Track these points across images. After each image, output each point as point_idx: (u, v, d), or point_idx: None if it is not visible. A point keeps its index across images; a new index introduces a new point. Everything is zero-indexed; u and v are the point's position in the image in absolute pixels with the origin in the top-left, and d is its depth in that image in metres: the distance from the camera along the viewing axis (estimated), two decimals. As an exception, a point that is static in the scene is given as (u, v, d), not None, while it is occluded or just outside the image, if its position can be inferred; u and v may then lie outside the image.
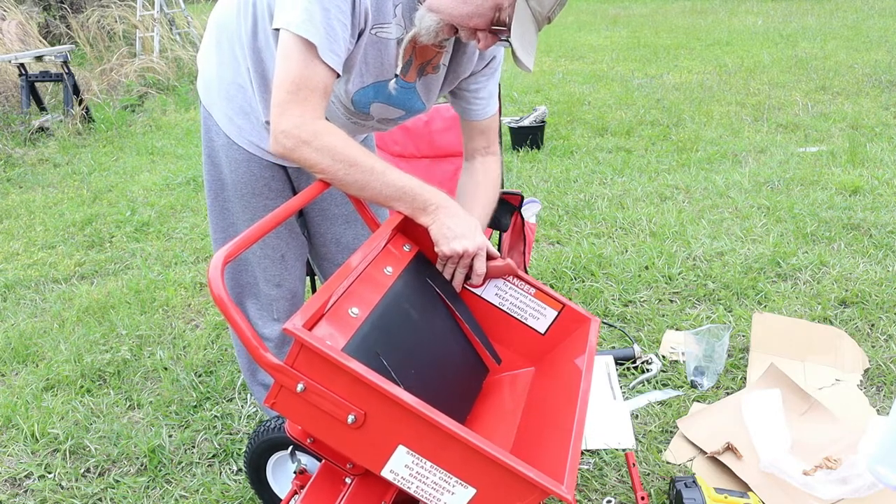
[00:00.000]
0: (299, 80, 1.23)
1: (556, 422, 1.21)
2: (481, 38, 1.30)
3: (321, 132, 1.24)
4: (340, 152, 1.25)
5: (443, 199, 1.31)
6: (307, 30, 1.21)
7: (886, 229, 3.09)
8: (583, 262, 2.96)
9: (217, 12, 1.52)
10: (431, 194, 1.31)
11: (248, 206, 1.61)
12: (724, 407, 2.01)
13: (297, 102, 1.23)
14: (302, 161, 1.26)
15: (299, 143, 1.24)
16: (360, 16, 1.28)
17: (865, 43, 7.84)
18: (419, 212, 1.30)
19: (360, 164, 1.25)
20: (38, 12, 9.17)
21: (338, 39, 1.24)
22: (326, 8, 1.22)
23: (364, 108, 1.47)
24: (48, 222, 3.90)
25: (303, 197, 1.26)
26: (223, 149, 1.57)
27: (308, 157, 1.25)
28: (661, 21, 10.97)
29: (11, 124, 5.68)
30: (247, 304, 1.74)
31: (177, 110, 6.66)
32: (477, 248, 1.32)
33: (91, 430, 2.12)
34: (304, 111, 1.24)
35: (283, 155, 1.26)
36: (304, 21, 1.21)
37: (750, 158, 4.26)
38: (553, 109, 5.69)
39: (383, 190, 1.28)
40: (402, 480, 1.04)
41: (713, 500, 1.60)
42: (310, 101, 1.24)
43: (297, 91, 1.23)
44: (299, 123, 1.23)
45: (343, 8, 1.23)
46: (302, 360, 1.00)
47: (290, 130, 1.23)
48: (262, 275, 1.69)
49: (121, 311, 2.81)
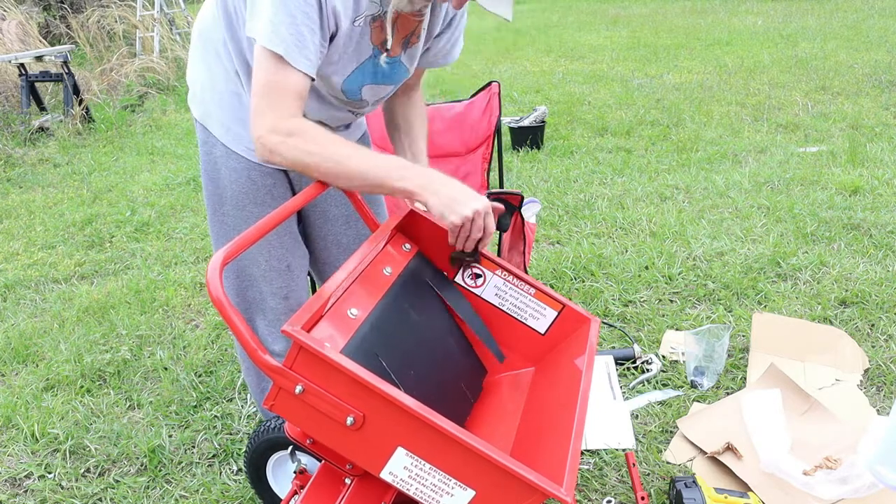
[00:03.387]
0: (269, 84, 1.24)
1: (556, 422, 1.21)
2: None
3: (295, 130, 1.25)
4: (318, 146, 1.25)
5: (429, 171, 1.30)
6: (272, 41, 1.22)
7: (886, 229, 3.09)
8: (583, 262, 2.96)
9: (198, 23, 1.51)
10: (416, 170, 1.29)
11: (249, 217, 1.59)
12: (724, 407, 2.01)
13: (270, 106, 1.25)
14: (284, 162, 1.27)
15: (276, 144, 1.25)
16: (329, 18, 1.27)
17: (865, 43, 7.83)
18: (409, 190, 1.27)
19: (339, 154, 1.26)
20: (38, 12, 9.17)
21: (307, 44, 1.24)
22: (293, 14, 1.22)
23: (355, 95, 1.47)
24: (48, 222, 3.90)
25: (302, 197, 1.26)
26: (222, 160, 1.55)
27: (287, 156, 1.25)
28: (661, 21, 10.96)
29: (11, 124, 5.68)
30: (256, 320, 1.72)
31: (177, 110, 6.66)
32: (485, 206, 1.28)
33: (91, 430, 2.12)
34: (276, 113, 1.25)
35: (267, 159, 1.27)
36: (270, 33, 1.22)
37: (750, 158, 4.26)
38: (553, 109, 5.69)
39: (367, 175, 1.26)
40: (401, 482, 1.04)
41: (713, 500, 1.60)
42: (282, 102, 1.25)
43: (268, 95, 1.25)
44: (273, 126, 1.24)
45: (309, 13, 1.23)
46: (300, 362, 1.00)
47: (265, 135, 1.25)
48: (268, 288, 1.67)
49: (121, 311, 2.81)
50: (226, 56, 1.45)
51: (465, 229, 1.29)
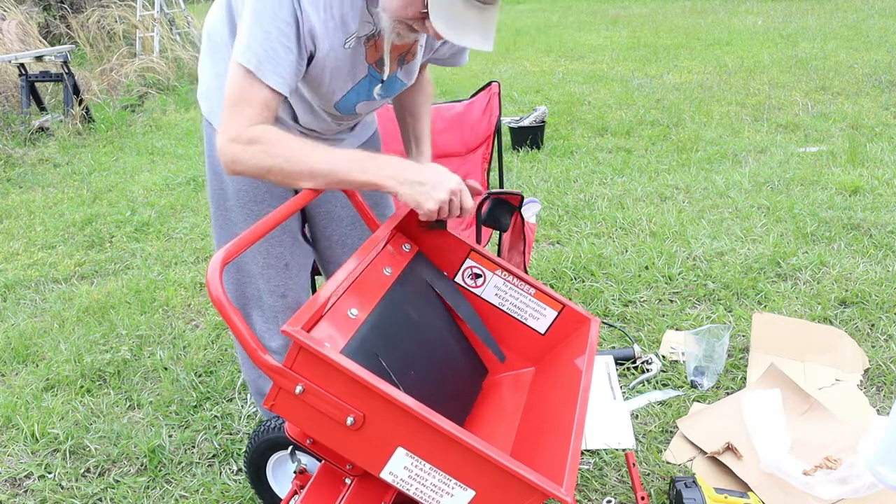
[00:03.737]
0: (236, 96, 1.24)
1: (556, 422, 1.21)
2: (429, 27, 1.22)
3: (255, 137, 1.24)
4: (278, 148, 1.23)
5: (395, 160, 1.28)
6: (244, 56, 1.23)
7: (886, 229, 3.09)
8: (583, 262, 2.96)
9: (207, 21, 1.52)
10: (382, 160, 1.27)
11: (250, 214, 1.60)
12: (724, 407, 2.01)
13: (232, 116, 1.24)
14: (247, 171, 1.25)
15: (238, 153, 1.24)
16: (306, 38, 1.27)
17: (865, 43, 7.83)
18: (377, 181, 1.25)
19: (300, 153, 1.24)
20: (38, 12, 9.16)
21: (281, 61, 1.24)
22: (267, 31, 1.22)
23: (350, 111, 1.48)
24: (48, 222, 3.90)
25: (302, 198, 1.26)
26: None
27: (250, 164, 1.24)
28: (661, 21, 10.96)
29: (11, 124, 5.68)
30: (252, 316, 1.73)
31: (177, 110, 6.66)
32: (458, 185, 1.26)
33: (91, 430, 2.12)
34: (237, 123, 1.24)
35: (231, 171, 1.25)
36: (244, 48, 1.23)
37: (750, 158, 4.26)
38: (553, 109, 5.69)
39: (332, 170, 1.24)
40: (401, 482, 1.04)
41: (713, 500, 1.60)
42: (245, 113, 1.24)
43: (233, 106, 1.24)
44: (234, 135, 1.24)
45: (284, 30, 1.23)
46: (300, 362, 1.00)
47: (226, 144, 1.24)
48: (266, 286, 1.68)
49: (121, 311, 2.81)
50: (228, 57, 1.46)
51: (444, 212, 1.27)
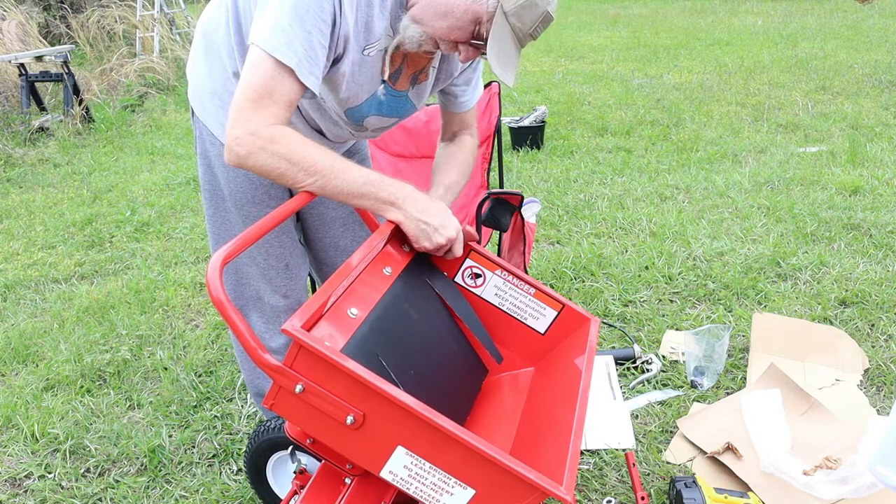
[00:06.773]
0: (263, 89, 1.21)
1: (556, 422, 1.21)
2: (462, 51, 1.30)
3: (277, 137, 1.21)
4: (297, 155, 1.22)
5: (407, 190, 1.29)
6: (284, 54, 1.20)
7: (886, 229, 3.09)
8: (583, 262, 2.96)
9: (203, 20, 1.50)
10: (395, 187, 1.28)
11: (248, 216, 1.59)
12: (724, 407, 2.01)
13: (256, 109, 1.21)
14: (258, 168, 1.23)
15: (254, 148, 1.21)
16: (339, 41, 1.27)
17: (865, 43, 7.83)
18: (386, 207, 1.28)
19: (318, 165, 1.23)
20: (38, 12, 9.16)
21: (318, 62, 1.24)
22: (308, 31, 1.20)
23: (358, 121, 1.47)
24: (48, 222, 3.90)
25: (301, 198, 1.26)
26: (219, 158, 1.55)
27: (263, 163, 1.22)
28: (661, 21, 10.96)
29: (11, 124, 5.68)
30: (251, 317, 1.72)
31: (177, 110, 6.66)
32: (457, 233, 1.32)
33: (91, 430, 2.12)
34: (260, 118, 1.21)
35: (238, 163, 1.23)
36: (283, 44, 1.20)
37: (750, 158, 4.26)
38: (553, 109, 5.69)
39: (345, 188, 1.25)
40: (401, 481, 1.04)
41: (713, 500, 1.60)
42: (269, 109, 1.22)
43: (259, 99, 1.21)
44: (254, 130, 1.20)
45: (325, 31, 1.23)
46: (300, 361, 1.00)
47: (244, 137, 1.21)
48: (267, 286, 1.67)
49: (121, 311, 2.81)
50: (229, 60, 1.45)
51: (436, 251, 1.34)
